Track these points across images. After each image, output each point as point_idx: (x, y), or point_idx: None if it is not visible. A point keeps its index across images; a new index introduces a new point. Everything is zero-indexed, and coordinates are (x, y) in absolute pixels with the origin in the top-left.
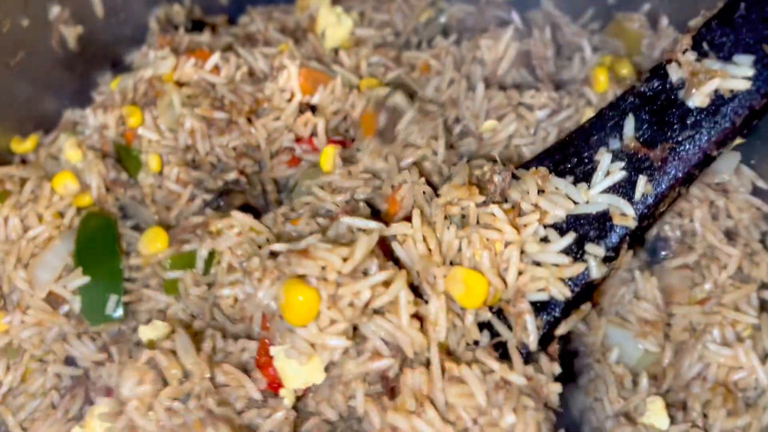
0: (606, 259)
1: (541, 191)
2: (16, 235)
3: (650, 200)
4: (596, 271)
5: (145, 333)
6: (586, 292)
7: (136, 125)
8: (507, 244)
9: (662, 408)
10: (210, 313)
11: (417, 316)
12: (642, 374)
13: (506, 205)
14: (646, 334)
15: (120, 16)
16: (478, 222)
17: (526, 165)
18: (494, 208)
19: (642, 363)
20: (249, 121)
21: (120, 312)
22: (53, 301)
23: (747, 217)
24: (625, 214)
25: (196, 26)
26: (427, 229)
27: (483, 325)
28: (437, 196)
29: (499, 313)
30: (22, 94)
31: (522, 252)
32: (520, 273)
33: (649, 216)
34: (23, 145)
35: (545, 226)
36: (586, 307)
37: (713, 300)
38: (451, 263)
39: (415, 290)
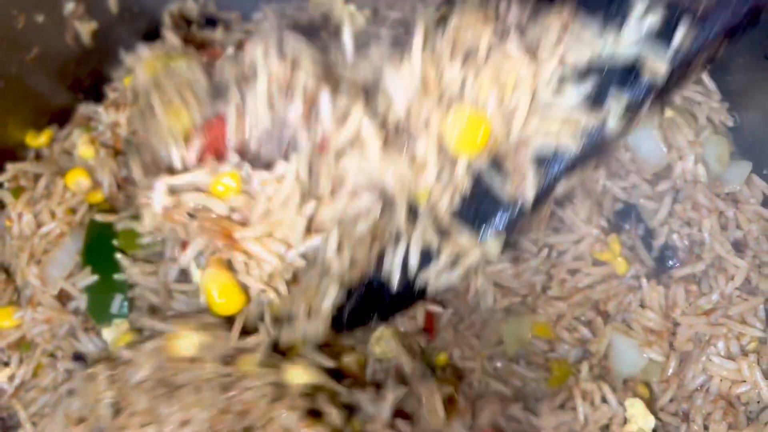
0: (625, 114)
1: (563, 31)
2: (30, 231)
3: (686, 53)
4: (613, 124)
5: (107, 334)
6: (595, 150)
7: None
8: (518, 85)
9: (643, 408)
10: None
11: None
12: (605, 388)
13: (523, 42)
14: (651, 343)
15: (134, 11)
16: (488, 58)
17: None
18: (509, 43)
19: (646, 372)
20: None
21: (125, 311)
22: (64, 296)
23: (756, 229)
24: (656, 66)
25: (210, 22)
26: (427, 57)
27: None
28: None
29: (494, 165)
30: (37, 88)
31: (533, 98)
32: (527, 119)
33: (682, 72)
34: (38, 140)
35: (563, 71)
36: (591, 166)
37: (719, 311)
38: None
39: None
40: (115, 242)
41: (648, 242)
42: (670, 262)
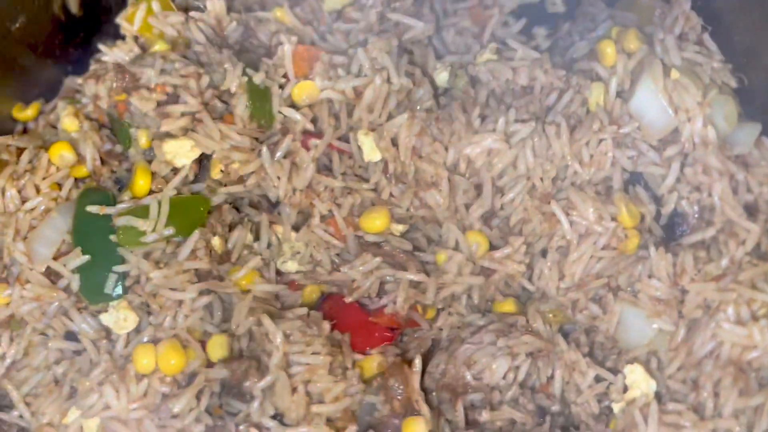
0: None
1: None
2: (14, 207)
3: None
4: None
5: (106, 319)
6: None
7: (122, 98)
8: None
9: (643, 372)
10: None
11: None
12: (581, 360)
13: None
14: (660, 313)
15: None
16: None
17: None
18: None
19: (656, 342)
20: None
21: (119, 291)
22: (53, 273)
23: None
24: None
25: None
26: None
27: None
28: None
29: None
30: (24, 60)
31: None
32: None
33: None
34: (25, 113)
35: None
36: None
37: (729, 277)
38: None
39: None
40: (112, 237)
41: (656, 210)
42: (680, 230)
